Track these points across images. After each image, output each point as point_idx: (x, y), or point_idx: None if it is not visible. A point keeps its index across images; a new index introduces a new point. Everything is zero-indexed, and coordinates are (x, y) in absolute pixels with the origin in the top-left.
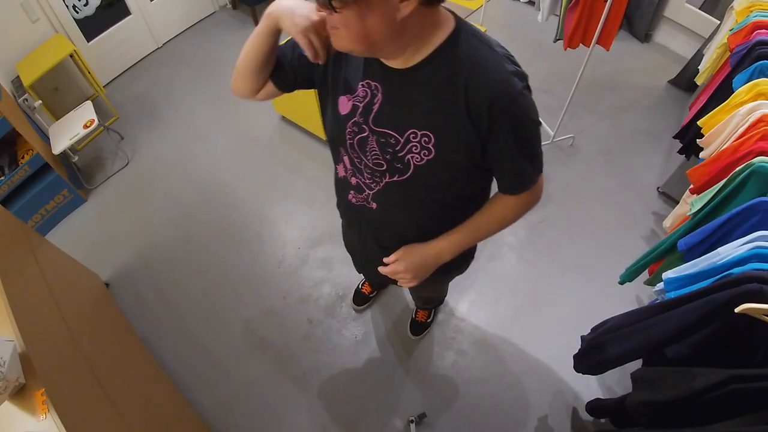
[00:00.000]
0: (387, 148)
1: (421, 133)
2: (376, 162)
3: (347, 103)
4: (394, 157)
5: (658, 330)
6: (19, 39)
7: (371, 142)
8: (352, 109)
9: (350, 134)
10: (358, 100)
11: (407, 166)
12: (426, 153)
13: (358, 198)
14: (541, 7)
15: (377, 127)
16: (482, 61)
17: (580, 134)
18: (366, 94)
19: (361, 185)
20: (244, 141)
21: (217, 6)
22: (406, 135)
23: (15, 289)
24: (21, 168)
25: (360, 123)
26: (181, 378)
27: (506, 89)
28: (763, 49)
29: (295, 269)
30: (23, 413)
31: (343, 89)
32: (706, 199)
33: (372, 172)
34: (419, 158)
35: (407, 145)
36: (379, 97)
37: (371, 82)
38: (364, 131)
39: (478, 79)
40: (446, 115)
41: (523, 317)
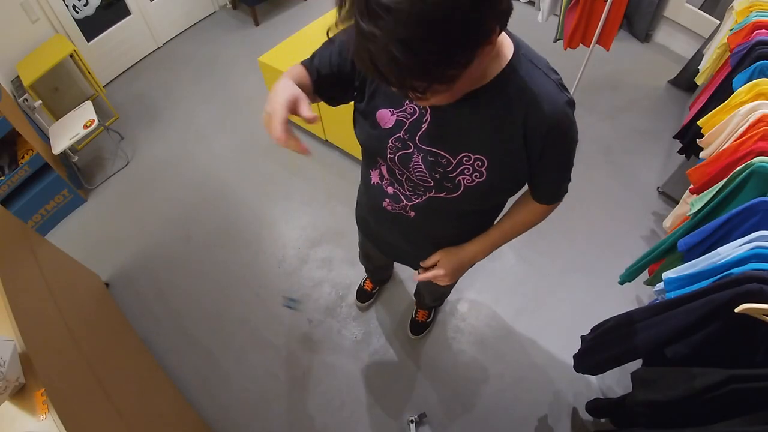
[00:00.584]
0: (437, 167)
1: (474, 157)
2: (422, 179)
3: (390, 117)
4: (444, 177)
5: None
6: (19, 39)
7: (416, 159)
8: (396, 124)
9: (392, 149)
10: (404, 116)
11: (458, 186)
12: (478, 176)
13: (395, 207)
14: (541, 7)
15: (425, 145)
16: (541, 92)
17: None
18: (414, 112)
19: (399, 195)
20: (244, 141)
21: (217, 6)
22: (459, 157)
23: (15, 289)
24: (21, 168)
25: (405, 139)
26: (181, 378)
27: (563, 120)
28: (763, 49)
29: (295, 269)
30: (23, 413)
31: (386, 103)
32: (706, 199)
33: (414, 186)
34: (470, 180)
35: (459, 167)
36: (427, 117)
37: None
38: (409, 148)
39: (537, 109)
40: (503, 142)
41: (523, 317)
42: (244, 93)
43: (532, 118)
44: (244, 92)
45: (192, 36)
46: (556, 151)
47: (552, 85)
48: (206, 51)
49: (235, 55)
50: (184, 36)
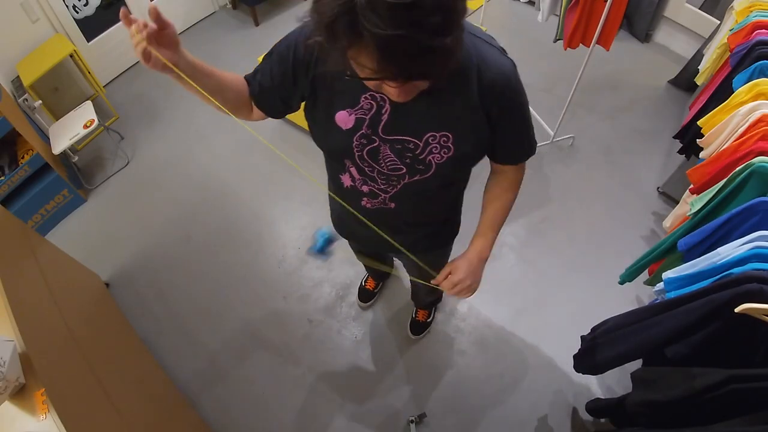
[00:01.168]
0: (406, 153)
1: (440, 135)
2: (394, 168)
3: (349, 117)
4: (415, 160)
5: (658, 330)
6: (19, 39)
7: (384, 150)
8: (356, 122)
9: (358, 147)
10: (362, 113)
11: (429, 166)
12: (446, 151)
13: (374, 203)
14: (541, 7)
15: (390, 135)
16: (487, 58)
17: (580, 134)
18: (371, 106)
19: (375, 191)
20: (244, 141)
21: (217, 6)
22: (425, 138)
23: (15, 289)
24: (21, 168)
25: (368, 134)
26: (181, 378)
27: (512, 80)
28: (763, 49)
29: (295, 269)
30: (23, 413)
31: (343, 104)
32: (706, 199)
33: (387, 177)
34: (440, 157)
35: (427, 148)
36: (386, 108)
37: (375, 93)
38: (375, 142)
39: (487, 75)
40: (463, 113)
41: (523, 317)
42: None
43: (484, 83)
44: None
45: (192, 36)
46: (513, 110)
47: (495, 51)
48: (206, 51)
49: (235, 55)
50: (184, 36)
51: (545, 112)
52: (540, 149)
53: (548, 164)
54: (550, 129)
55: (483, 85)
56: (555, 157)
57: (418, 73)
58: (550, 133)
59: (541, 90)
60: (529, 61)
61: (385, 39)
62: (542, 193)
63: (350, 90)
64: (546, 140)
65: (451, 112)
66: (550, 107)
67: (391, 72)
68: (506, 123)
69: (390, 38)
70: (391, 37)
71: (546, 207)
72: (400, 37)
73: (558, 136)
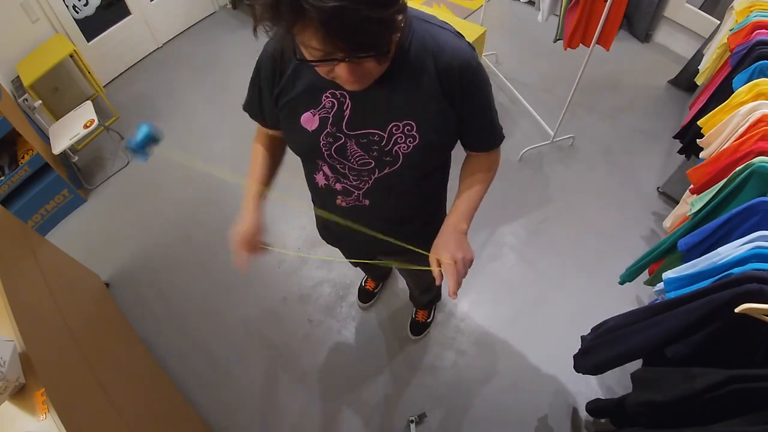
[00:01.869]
0: (372, 146)
1: (403, 124)
2: (362, 162)
3: (313, 117)
4: (381, 152)
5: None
6: (19, 39)
7: (351, 146)
8: (321, 122)
9: (326, 145)
10: (325, 112)
11: (396, 157)
12: (411, 140)
13: (348, 200)
14: (541, 7)
15: (354, 131)
16: (441, 42)
17: (580, 134)
18: (333, 105)
19: (348, 188)
20: (244, 141)
21: (217, 6)
22: (389, 129)
23: (15, 289)
24: (21, 168)
25: (333, 132)
26: (181, 378)
27: (471, 62)
28: (763, 49)
29: (295, 269)
30: (23, 413)
31: (305, 106)
32: (706, 199)
33: (358, 173)
34: (406, 147)
35: (392, 138)
36: (348, 104)
37: (335, 91)
38: (341, 139)
39: (443, 58)
40: (424, 100)
41: (523, 317)
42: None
43: (442, 66)
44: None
45: (192, 36)
46: (475, 93)
47: (449, 34)
48: (206, 51)
49: (235, 55)
50: (184, 36)
51: (545, 112)
52: (540, 149)
53: (548, 164)
54: (550, 129)
55: (440, 69)
56: (555, 157)
57: (362, 44)
58: (550, 133)
59: (541, 90)
60: (529, 61)
61: (326, 11)
62: (542, 193)
63: (311, 91)
64: (546, 140)
65: (412, 100)
66: (550, 107)
67: (335, 46)
68: (469, 107)
69: (331, 10)
70: (332, 9)
71: (546, 207)
72: (341, 8)
73: (558, 136)
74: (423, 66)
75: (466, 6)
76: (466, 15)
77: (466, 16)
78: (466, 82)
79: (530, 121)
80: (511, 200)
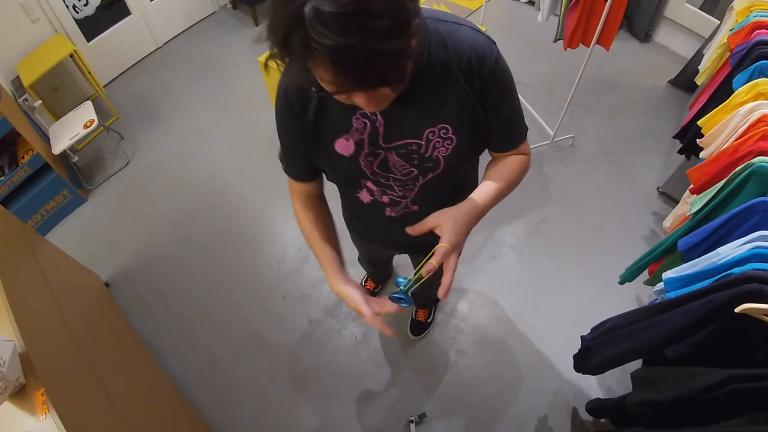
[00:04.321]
0: (412, 155)
1: (438, 128)
2: (406, 172)
3: (347, 142)
4: (422, 159)
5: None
6: (19, 39)
7: (392, 158)
8: (357, 145)
9: (367, 165)
10: (359, 135)
11: (437, 162)
12: (449, 143)
13: (397, 210)
14: (541, 7)
15: (392, 143)
16: (459, 39)
17: (580, 134)
18: (365, 125)
19: (395, 199)
20: (244, 141)
21: (217, 6)
22: (425, 136)
23: (15, 289)
24: (21, 168)
25: (372, 151)
26: (181, 378)
27: (490, 54)
28: (763, 49)
29: (295, 269)
30: (23, 413)
31: (338, 133)
32: (706, 199)
33: (403, 183)
34: (445, 150)
35: (430, 144)
36: (379, 120)
37: (365, 111)
38: (380, 154)
39: (462, 54)
40: (453, 101)
41: (523, 317)
42: (245, 93)
43: (464, 64)
44: (244, 92)
45: (192, 36)
46: (497, 86)
47: (466, 30)
48: (206, 51)
49: (235, 55)
50: (184, 36)
51: (545, 112)
52: (540, 149)
53: (548, 164)
54: (550, 129)
55: (462, 67)
56: (555, 157)
57: (376, 78)
58: (550, 133)
59: (541, 90)
60: (529, 61)
61: (335, 49)
62: (542, 193)
63: (340, 117)
64: (546, 140)
65: (441, 104)
66: (550, 107)
67: (348, 81)
68: (493, 101)
69: (340, 47)
70: (341, 47)
71: (546, 207)
72: (351, 46)
73: (558, 136)
74: (446, 67)
75: (466, 6)
76: (466, 15)
77: (466, 16)
78: (487, 76)
79: (530, 121)
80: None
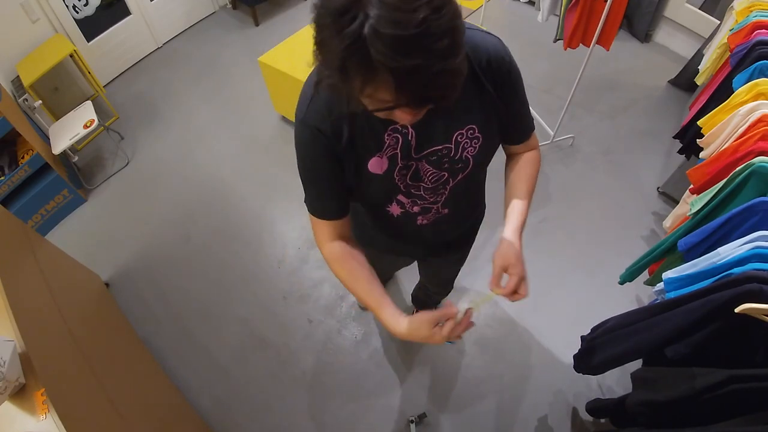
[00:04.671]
0: (443, 160)
1: (465, 130)
2: (436, 178)
3: (381, 160)
4: (452, 161)
5: (658, 330)
6: (19, 39)
7: (423, 167)
8: (390, 161)
9: (401, 179)
10: (392, 150)
11: (466, 161)
12: (476, 141)
13: (428, 217)
14: (541, 7)
15: (423, 153)
16: (475, 42)
17: (580, 134)
18: (397, 140)
19: (425, 207)
20: (244, 141)
21: (217, 6)
22: (454, 139)
23: (15, 289)
24: (21, 168)
25: (405, 164)
26: (181, 378)
27: (503, 53)
28: (763, 49)
29: (295, 269)
30: (23, 413)
31: (370, 152)
32: (706, 199)
33: (433, 189)
34: (473, 149)
35: (459, 146)
36: (411, 132)
37: (396, 125)
38: (412, 166)
39: (478, 55)
40: (477, 102)
41: (523, 317)
42: (245, 93)
43: (483, 65)
44: (244, 92)
45: (192, 36)
46: (511, 82)
47: (478, 33)
48: (206, 51)
49: (235, 55)
50: (184, 36)
51: (545, 112)
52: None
53: (548, 164)
54: (550, 129)
55: (482, 67)
56: (555, 157)
57: (436, 96)
58: (550, 133)
59: (541, 90)
60: (529, 61)
61: (400, 69)
62: (542, 193)
63: (371, 135)
64: (546, 140)
65: (467, 107)
66: (550, 107)
67: (409, 99)
68: (509, 96)
69: (405, 68)
70: (406, 68)
71: (546, 207)
72: (415, 67)
73: (558, 136)
74: (469, 71)
75: (466, 6)
76: (466, 15)
77: (466, 16)
78: (502, 73)
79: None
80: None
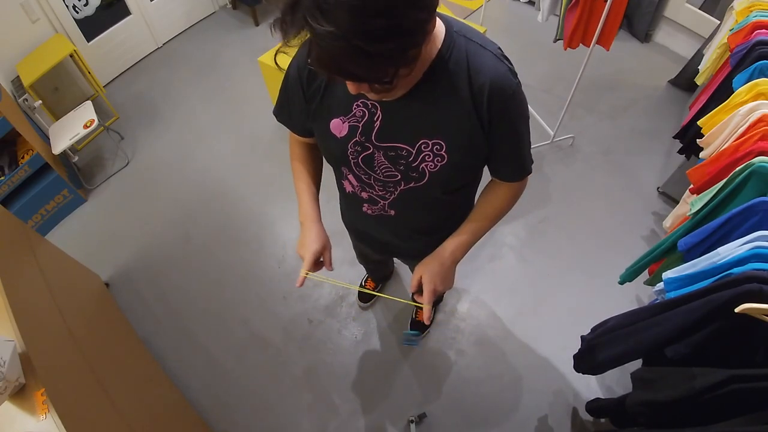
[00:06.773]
0: (399, 160)
1: (432, 142)
2: (389, 174)
3: (342, 125)
4: (408, 167)
5: (658, 330)
6: (19, 39)
7: (378, 157)
8: (350, 130)
9: (353, 154)
10: (355, 121)
11: (422, 174)
12: (439, 159)
13: (374, 209)
14: (541, 7)
15: (383, 142)
16: (479, 63)
17: (580, 134)
18: (363, 114)
19: (374, 197)
20: (244, 141)
21: (217, 6)
22: (418, 146)
23: (15, 289)
24: (21, 168)
25: (362, 142)
26: (181, 378)
27: (506, 86)
28: (763, 49)
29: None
30: (23, 413)
31: (336, 112)
32: (706, 199)
33: (384, 184)
34: (433, 165)
35: (420, 155)
36: (378, 115)
37: (367, 101)
38: (369, 149)
39: (478, 79)
40: (456, 120)
41: (523, 317)
42: (245, 93)
43: (477, 88)
44: (244, 92)
45: (192, 36)
46: (506, 120)
47: (489, 55)
48: (206, 51)
49: (235, 55)
50: (184, 36)
51: (545, 112)
52: (540, 149)
53: (548, 164)
54: (550, 129)
55: (474, 91)
56: (555, 157)
57: (353, 74)
58: (550, 133)
59: (541, 90)
60: (529, 61)
61: (322, 35)
62: (542, 193)
63: (343, 98)
64: (546, 140)
65: (443, 118)
66: (550, 107)
67: (326, 67)
68: (496, 133)
69: (326, 35)
70: (327, 34)
71: (546, 207)
72: (335, 36)
73: (558, 136)
74: (458, 84)
75: (466, 6)
76: (466, 15)
77: (466, 16)
78: (497, 107)
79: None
80: None
